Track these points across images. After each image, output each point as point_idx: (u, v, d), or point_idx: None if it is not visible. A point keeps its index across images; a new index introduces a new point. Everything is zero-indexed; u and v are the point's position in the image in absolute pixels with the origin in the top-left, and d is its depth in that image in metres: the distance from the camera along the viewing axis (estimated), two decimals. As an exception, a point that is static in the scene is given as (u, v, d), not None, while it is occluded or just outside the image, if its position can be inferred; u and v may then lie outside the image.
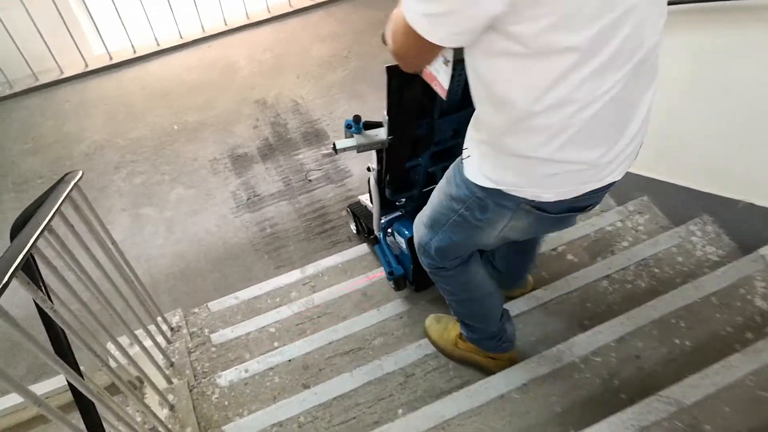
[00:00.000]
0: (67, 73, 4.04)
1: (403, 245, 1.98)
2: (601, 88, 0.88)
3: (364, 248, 2.76)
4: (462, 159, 1.17)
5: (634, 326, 1.77)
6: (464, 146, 1.16)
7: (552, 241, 2.38)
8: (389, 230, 2.11)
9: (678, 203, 2.32)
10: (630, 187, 2.57)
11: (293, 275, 2.74)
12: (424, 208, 1.43)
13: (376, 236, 2.24)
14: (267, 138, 3.60)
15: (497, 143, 1.03)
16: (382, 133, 1.61)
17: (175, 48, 4.28)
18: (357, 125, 1.59)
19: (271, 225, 3.14)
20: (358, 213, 2.71)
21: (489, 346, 1.71)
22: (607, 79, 0.87)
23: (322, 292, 2.55)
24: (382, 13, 4.40)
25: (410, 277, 2.12)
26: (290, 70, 4.06)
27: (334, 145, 1.58)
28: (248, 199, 3.28)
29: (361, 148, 1.60)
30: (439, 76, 1.16)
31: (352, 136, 1.61)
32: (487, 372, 1.75)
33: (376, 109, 3.81)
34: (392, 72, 1.36)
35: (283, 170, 3.42)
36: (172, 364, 2.27)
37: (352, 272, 2.70)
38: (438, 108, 1.56)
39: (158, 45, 4.23)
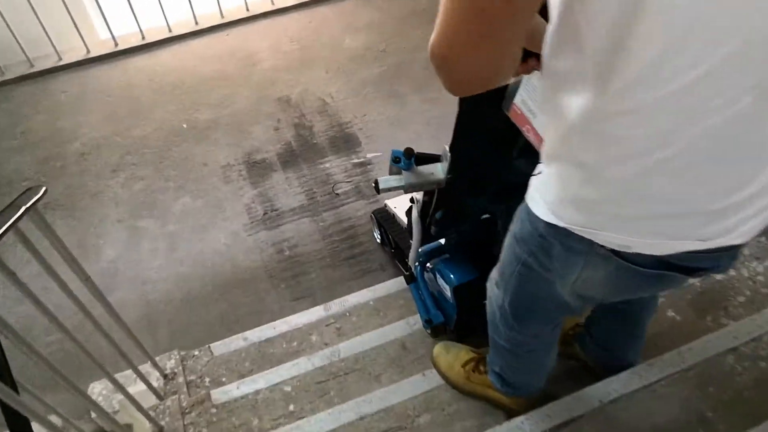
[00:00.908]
0: (66, 60, 3.74)
1: (448, 293, 1.75)
2: (721, 97, 0.60)
3: (401, 283, 2.31)
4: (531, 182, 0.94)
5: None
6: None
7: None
8: (428, 265, 1.87)
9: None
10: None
11: (315, 313, 2.37)
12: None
13: (410, 273, 1.99)
14: (289, 142, 3.17)
15: (560, 149, 0.78)
16: (439, 171, 1.39)
17: (188, 35, 3.96)
18: (408, 160, 1.36)
19: (290, 246, 2.71)
20: (384, 222, 2.47)
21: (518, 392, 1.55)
22: (731, 85, 0.59)
23: (351, 340, 2.14)
24: (425, 0, 3.94)
25: (452, 325, 1.87)
26: (318, 65, 3.68)
27: (376, 183, 1.38)
28: (265, 214, 2.86)
29: (409, 188, 1.39)
30: (535, 119, 0.95)
31: (400, 172, 1.38)
32: (508, 412, 1.62)
33: (417, 113, 3.45)
34: (467, 99, 1.15)
35: (307, 181, 2.99)
36: (161, 430, 1.84)
37: (386, 313, 2.30)
38: (520, 145, 1.32)
39: (170, 31, 3.92)
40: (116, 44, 3.85)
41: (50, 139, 3.33)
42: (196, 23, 3.96)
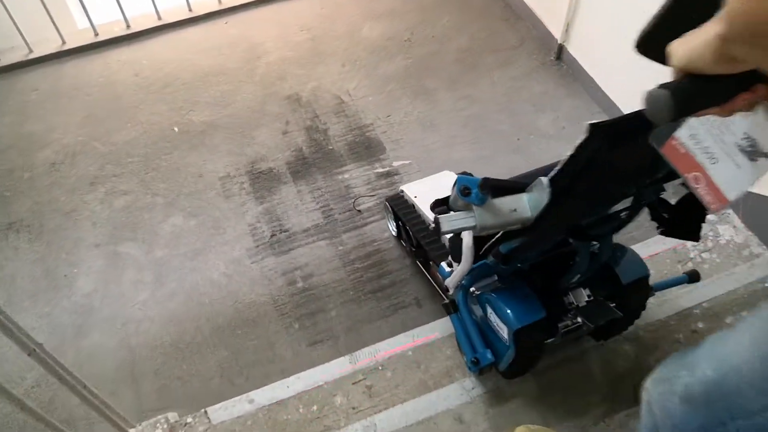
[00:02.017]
0: (38, 53, 3.33)
1: (504, 334, 1.48)
2: None
3: (445, 325, 1.91)
4: None
5: None
6: None
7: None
8: (473, 290, 1.58)
9: None
10: None
11: (338, 366, 2.00)
12: None
13: (452, 301, 1.66)
14: (300, 148, 2.74)
15: None
16: (524, 206, 1.10)
17: (181, 23, 3.54)
18: (481, 192, 1.07)
19: (303, 276, 2.30)
20: (401, 212, 2.19)
21: None
22: None
23: (389, 411, 1.71)
24: (456, -17, 3.50)
25: (504, 367, 1.59)
26: (333, 57, 3.26)
27: (437, 223, 1.10)
28: (272, 236, 2.43)
29: (483, 230, 1.10)
30: (715, 166, 0.70)
31: (470, 207, 1.09)
32: None
33: (451, 113, 3.02)
34: (597, 132, 0.92)
35: (322, 195, 2.56)
36: None
37: (428, 366, 1.94)
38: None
39: (159, 19, 3.52)
40: (96, 34, 3.45)
41: (16, 146, 2.92)
42: (190, 10, 3.57)
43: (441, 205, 2.02)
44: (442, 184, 2.23)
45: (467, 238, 1.38)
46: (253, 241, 2.47)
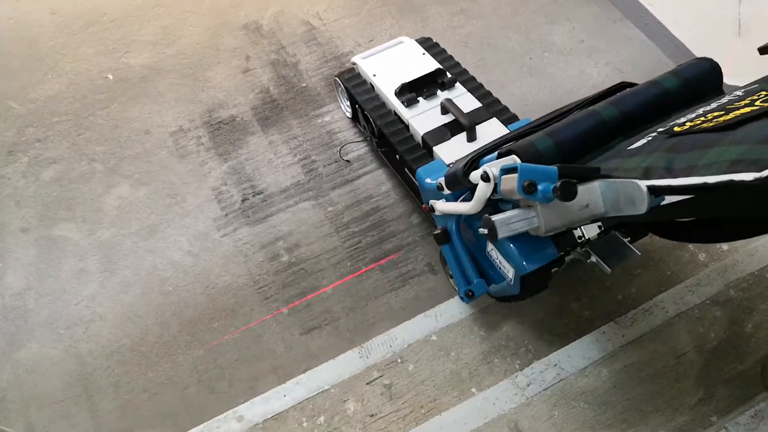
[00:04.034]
0: None
1: (510, 275, 1.31)
2: None
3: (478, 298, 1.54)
4: None
5: None
6: None
7: None
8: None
9: None
10: None
11: (346, 362, 1.65)
12: None
13: (444, 231, 1.50)
14: (267, 89, 2.28)
15: None
16: (597, 201, 0.87)
17: None
18: (557, 193, 0.82)
19: (288, 248, 1.90)
20: (358, 94, 1.93)
21: None
22: None
23: (424, 425, 1.37)
24: None
25: (496, 294, 1.52)
26: (295, -27, 2.67)
27: (491, 227, 0.91)
28: (244, 201, 2.00)
29: (549, 232, 0.91)
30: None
31: (528, 205, 0.91)
32: None
33: (446, 32, 2.52)
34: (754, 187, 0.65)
35: (301, 145, 2.14)
36: None
37: (459, 353, 1.59)
38: None
39: None
40: (-2, -35, 2.78)
41: None
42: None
43: (409, 92, 1.77)
44: (403, 58, 1.96)
45: (482, 190, 1.08)
46: (221, 208, 2.04)
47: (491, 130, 1.67)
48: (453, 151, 1.62)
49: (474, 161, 1.17)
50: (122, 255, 1.96)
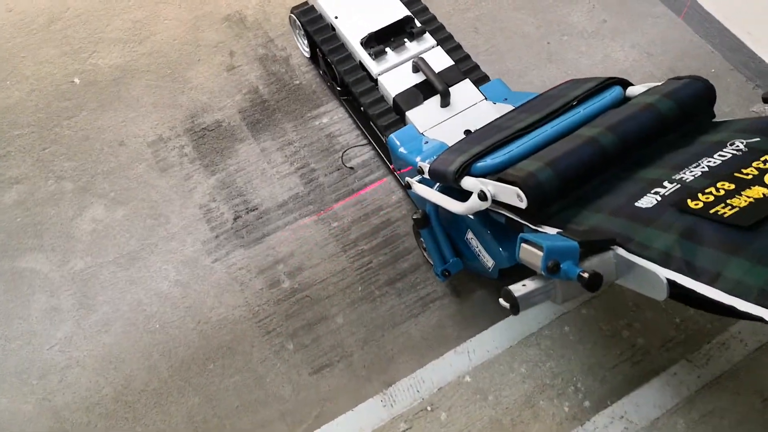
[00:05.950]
0: None
1: (489, 264, 1.36)
2: None
3: (508, 322, 1.35)
4: None
5: None
6: None
7: None
8: None
9: None
10: None
11: (367, 410, 1.43)
12: None
13: (423, 214, 1.46)
14: (256, 88, 2.05)
15: None
16: (611, 271, 0.86)
17: None
18: (572, 256, 0.85)
19: (289, 272, 1.70)
20: (318, 35, 1.84)
21: None
22: None
23: None
24: None
25: (475, 271, 1.53)
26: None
27: (514, 303, 0.89)
28: (236, 219, 1.79)
29: (566, 301, 0.93)
30: None
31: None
32: None
33: (450, 15, 2.28)
34: None
35: (297, 151, 1.92)
36: None
37: (498, 395, 1.45)
38: None
39: None
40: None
41: None
42: None
43: (377, 44, 1.73)
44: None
45: (477, 204, 1.11)
46: (210, 229, 1.81)
47: (464, 93, 1.64)
48: (427, 117, 1.60)
49: (466, 167, 1.17)
50: (100, 288, 1.73)
